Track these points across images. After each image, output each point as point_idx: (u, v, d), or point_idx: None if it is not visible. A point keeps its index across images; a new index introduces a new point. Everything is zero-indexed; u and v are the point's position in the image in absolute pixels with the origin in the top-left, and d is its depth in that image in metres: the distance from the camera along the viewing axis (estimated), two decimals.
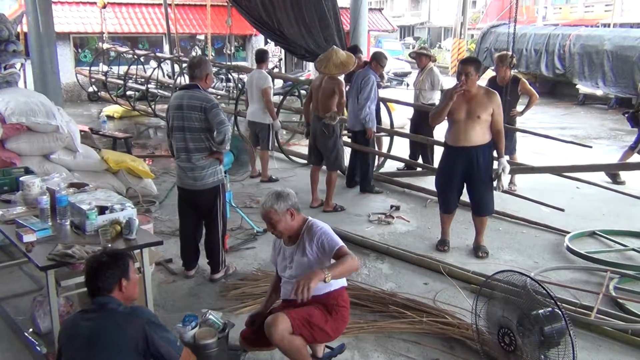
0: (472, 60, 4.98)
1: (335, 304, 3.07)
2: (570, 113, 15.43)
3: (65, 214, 3.68)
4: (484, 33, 20.20)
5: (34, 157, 5.72)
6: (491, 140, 4.94)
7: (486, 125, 4.85)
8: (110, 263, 2.50)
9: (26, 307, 3.95)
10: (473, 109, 4.80)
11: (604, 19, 26.81)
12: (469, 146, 4.89)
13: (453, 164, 5.04)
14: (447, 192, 5.21)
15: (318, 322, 2.99)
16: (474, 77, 4.77)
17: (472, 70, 4.73)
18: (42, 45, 8.46)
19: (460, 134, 4.90)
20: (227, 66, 12.59)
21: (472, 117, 4.80)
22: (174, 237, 5.30)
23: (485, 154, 4.94)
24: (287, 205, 2.98)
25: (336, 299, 3.08)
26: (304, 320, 2.94)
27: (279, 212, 2.97)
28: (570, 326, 2.98)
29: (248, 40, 19.49)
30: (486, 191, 5.04)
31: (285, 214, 2.98)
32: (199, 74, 4.34)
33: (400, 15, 49.31)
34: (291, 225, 3.02)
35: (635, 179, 7.28)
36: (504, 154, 5.00)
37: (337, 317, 3.07)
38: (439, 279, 4.62)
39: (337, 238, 3.02)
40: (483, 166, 4.93)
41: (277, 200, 2.98)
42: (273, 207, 2.97)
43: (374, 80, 6.64)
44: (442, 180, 5.22)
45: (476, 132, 4.83)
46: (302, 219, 3.09)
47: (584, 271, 4.84)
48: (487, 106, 4.79)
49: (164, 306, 4.14)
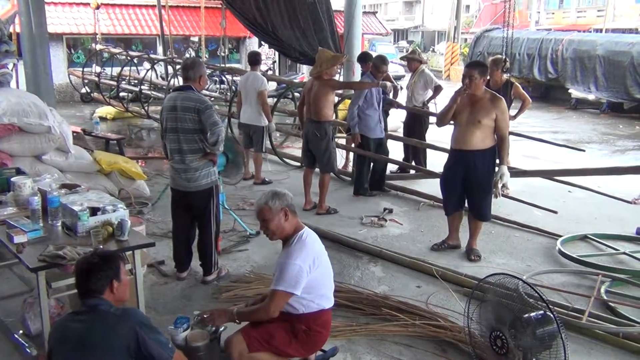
0: (477, 64, 4.99)
1: (305, 328, 2.96)
2: (563, 117, 15.51)
3: (57, 215, 3.66)
4: (477, 37, 20.34)
5: (26, 157, 5.69)
6: (494, 147, 4.89)
7: (489, 131, 4.82)
8: (102, 264, 2.48)
9: (16, 308, 3.91)
10: (475, 113, 4.80)
11: (596, 24, 27.00)
12: (467, 150, 4.89)
13: (454, 165, 5.08)
14: (446, 193, 5.25)
15: (278, 344, 2.92)
16: (479, 81, 4.75)
17: (476, 74, 4.73)
18: (35, 45, 8.41)
19: (460, 137, 4.92)
20: (220, 68, 12.58)
21: (473, 121, 4.81)
22: (166, 238, 5.28)
23: (486, 160, 4.90)
24: (282, 204, 2.94)
25: (307, 323, 2.96)
26: (263, 341, 2.90)
27: (272, 209, 2.93)
28: (562, 329, 2.98)
29: (242, 42, 19.48)
30: (483, 198, 5.01)
31: (279, 213, 2.93)
32: (193, 76, 4.33)
33: (394, 18, 49.48)
34: (283, 227, 2.96)
35: (626, 183, 7.32)
36: (506, 163, 4.88)
37: (307, 339, 2.98)
38: (431, 282, 4.62)
39: (285, 277, 2.83)
40: (481, 172, 4.90)
41: (273, 198, 2.95)
42: (267, 203, 2.94)
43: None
44: (443, 181, 5.28)
45: (476, 136, 4.82)
46: (296, 224, 3.00)
47: (575, 275, 4.86)
48: (490, 111, 4.77)
49: (156, 308, 4.12)
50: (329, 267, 3.07)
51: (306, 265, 2.85)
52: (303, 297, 2.91)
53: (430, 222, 6.14)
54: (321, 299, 2.98)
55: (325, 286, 3.01)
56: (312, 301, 2.94)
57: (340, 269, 4.87)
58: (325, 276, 3.02)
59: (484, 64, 5.06)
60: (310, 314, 2.96)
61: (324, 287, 2.99)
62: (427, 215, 6.41)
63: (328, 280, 3.05)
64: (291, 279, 2.83)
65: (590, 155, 9.52)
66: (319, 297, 2.96)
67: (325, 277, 3.02)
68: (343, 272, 4.83)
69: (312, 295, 2.93)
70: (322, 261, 2.97)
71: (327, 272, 3.04)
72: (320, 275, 2.94)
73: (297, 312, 2.95)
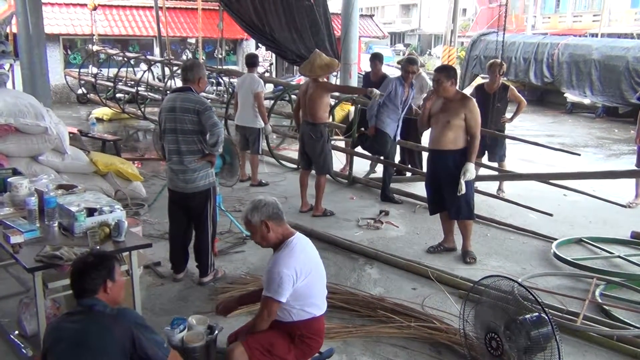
0: (443, 68, 5.17)
1: (300, 334, 2.96)
2: (558, 121, 15.57)
3: (54, 215, 3.66)
4: (474, 41, 20.38)
5: (22, 158, 5.69)
6: (466, 147, 4.99)
7: (460, 131, 4.95)
8: (96, 264, 2.48)
9: (12, 309, 3.91)
10: (444, 114, 4.98)
11: (592, 28, 27.14)
12: (439, 149, 5.07)
13: (431, 166, 5.29)
14: (428, 193, 5.45)
15: (279, 352, 2.91)
16: (446, 84, 4.92)
17: (442, 78, 4.92)
18: (32, 46, 8.39)
19: (434, 137, 5.13)
20: (217, 70, 12.58)
21: (444, 123, 4.98)
22: (162, 240, 5.28)
23: (457, 160, 4.99)
24: (263, 216, 2.88)
25: (300, 330, 2.95)
26: (264, 350, 2.89)
27: (252, 223, 2.90)
28: (557, 331, 3.00)
29: (239, 44, 19.49)
30: (455, 197, 5.03)
31: (260, 226, 2.89)
32: (192, 77, 4.34)
33: (391, 22, 49.60)
34: (267, 237, 2.92)
35: (621, 186, 7.36)
36: (472, 161, 4.95)
37: (303, 346, 2.98)
38: (427, 284, 4.63)
39: (272, 284, 2.81)
40: (453, 171, 4.98)
41: (252, 211, 2.90)
42: (247, 216, 2.92)
43: (394, 83, 6.50)
44: (425, 182, 5.50)
45: (447, 137, 4.97)
46: (283, 232, 2.94)
47: (570, 278, 4.88)
48: (459, 112, 4.91)
49: (152, 309, 4.12)
50: (320, 274, 3.01)
51: (291, 274, 2.80)
52: (292, 306, 2.88)
53: (427, 225, 6.15)
54: (311, 307, 2.94)
55: (314, 294, 2.95)
56: (302, 309, 2.91)
57: (336, 270, 4.89)
58: (315, 284, 2.95)
59: (450, 68, 5.24)
60: (302, 322, 2.94)
61: (312, 295, 2.94)
62: (423, 217, 6.42)
63: (318, 288, 2.98)
64: (276, 287, 2.80)
65: (585, 159, 9.57)
66: (308, 305, 2.92)
67: (314, 285, 2.94)
68: (339, 274, 4.84)
69: (300, 303, 2.89)
70: (311, 269, 2.90)
71: (317, 280, 2.97)
72: (308, 284, 2.88)
73: (290, 319, 2.93)
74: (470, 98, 5.06)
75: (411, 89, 6.56)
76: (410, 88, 6.54)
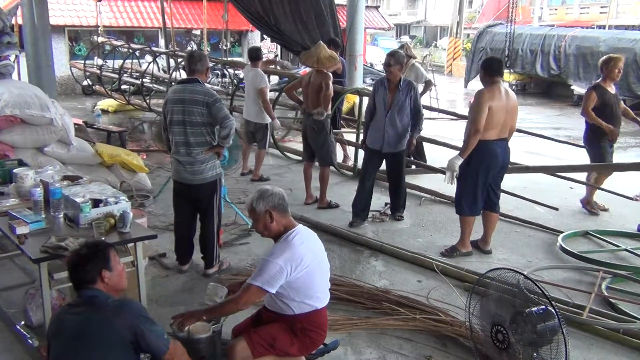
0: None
1: (302, 327, 2.94)
2: (565, 113, 15.48)
3: (59, 206, 3.67)
4: (480, 33, 20.28)
5: (28, 149, 5.69)
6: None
7: None
8: (89, 255, 2.48)
9: (18, 299, 3.93)
10: None
11: (599, 20, 26.90)
12: None
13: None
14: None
15: (282, 345, 2.90)
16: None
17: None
18: (37, 37, 8.41)
19: None
20: (222, 61, 12.55)
21: None
22: (168, 231, 5.29)
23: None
24: (267, 206, 2.87)
25: (302, 323, 2.93)
26: (267, 344, 2.87)
27: (257, 211, 2.89)
28: (563, 324, 2.99)
29: (244, 35, 19.43)
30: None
31: (263, 215, 2.89)
32: (201, 68, 4.32)
33: (396, 13, 49.30)
34: (270, 227, 2.91)
35: (628, 179, 7.31)
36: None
37: (305, 339, 2.97)
38: (432, 277, 4.62)
39: (262, 273, 2.79)
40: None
41: (258, 200, 2.90)
42: (252, 204, 2.91)
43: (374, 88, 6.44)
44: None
45: None
46: (286, 223, 2.93)
47: (576, 271, 4.86)
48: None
49: (157, 301, 4.12)
50: (321, 266, 2.97)
51: (287, 266, 2.79)
52: (293, 299, 2.87)
53: (432, 217, 6.14)
54: (312, 300, 2.92)
55: (314, 287, 2.92)
56: (303, 302, 2.90)
57: (341, 263, 4.88)
58: (315, 277, 2.91)
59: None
60: (303, 315, 2.93)
61: (313, 288, 2.91)
62: (428, 210, 6.41)
63: (319, 281, 2.95)
64: (268, 277, 2.78)
65: None
66: (309, 297, 2.90)
67: (314, 278, 2.91)
68: (344, 266, 4.84)
69: (301, 296, 2.88)
70: (310, 262, 2.86)
71: (317, 272, 2.93)
72: (307, 276, 2.85)
73: (291, 312, 2.92)
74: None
75: (400, 88, 5.52)
76: (399, 86, 5.52)
